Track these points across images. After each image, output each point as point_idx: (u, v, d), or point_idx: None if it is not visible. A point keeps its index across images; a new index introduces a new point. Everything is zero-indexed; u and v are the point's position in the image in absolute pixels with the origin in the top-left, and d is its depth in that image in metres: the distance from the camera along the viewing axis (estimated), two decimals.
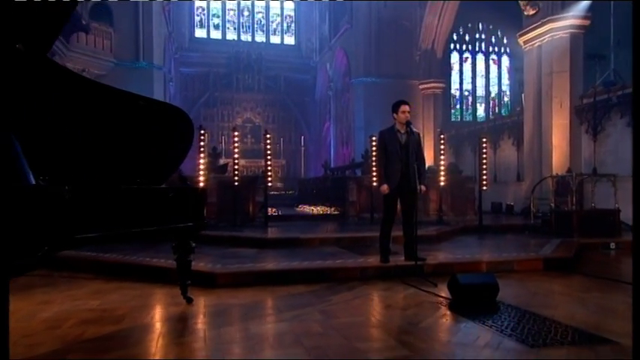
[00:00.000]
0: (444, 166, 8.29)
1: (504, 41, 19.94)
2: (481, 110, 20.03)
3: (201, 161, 7.53)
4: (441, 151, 8.35)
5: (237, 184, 7.93)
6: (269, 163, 8.28)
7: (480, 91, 20.19)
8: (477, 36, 20.04)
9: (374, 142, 7.71)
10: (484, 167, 7.71)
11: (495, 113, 18.94)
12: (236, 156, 7.99)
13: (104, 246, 5.77)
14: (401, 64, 16.86)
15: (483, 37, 20.11)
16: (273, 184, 20.00)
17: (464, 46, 19.89)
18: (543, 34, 10.82)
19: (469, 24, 19.44)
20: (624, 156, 8.73)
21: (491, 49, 20.28)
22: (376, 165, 4.81)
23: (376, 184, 5.19)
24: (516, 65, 18.65)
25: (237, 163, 7.97)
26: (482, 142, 7.72)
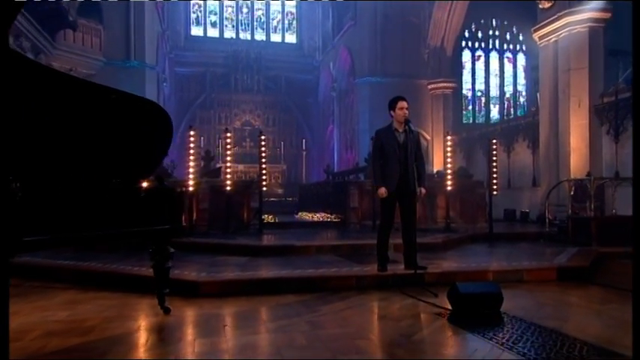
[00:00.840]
0: (451, 170, 8.21)
1: (520, 38, 19.86)
2: (495, 112, 19.90)
3: (191, 164, 7.52)
4: (447, 153, 8.27)
5: (229, 188, 7.89)
6: (264, 167, 8.23)
7: (494, 92, 20.08)
8: (491, 33, 19.94)
9: None
10: (494, 171, 7.63)
11: (510, 115, 18.84)
12: (228, 158, 7.96)
13: (84, 253, 5.83)
14: (408, 62, 16.84)
15: (497, 33, 20.01)
16: (273, 191, 20.05)
17: (476, 44, 19.79)
18: (560, 29, 10.75)
19: (482, 20, 19.38)
20: None
21: (505, 47, 20.18)
22: (372, 167, 4.75)
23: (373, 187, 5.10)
24: (533, 64, 18.55)
25: (229, 167, 7.94)
26: (492, 143, 7.66)
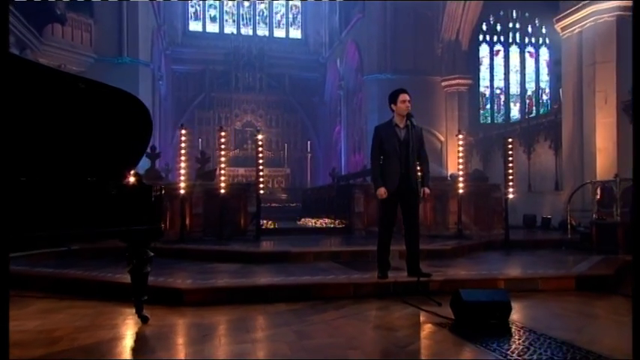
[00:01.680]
0: (463, 171, 8.12)
1: (543, 31, 19.66)
2: (515, 111, 19.72)
3: (182, 165, 7.52)
4: (459, 153, 8.18)
5: (223, 191, 7.87)
6: (261, 168, 8.22)
7: (514, 89, 19.92)
8: (511, 25, 19.82)
9: None
10: (510, 172, 7.53)
11: (532, 114, 18.65)
12: (222, 159, 7.95)
13: (66, 260, 5.85)
14: (420, 58, 16.80)
15: (518, 26, 19.88)
16: (276, 196, 20.05)
17: (495, 38, 19.67)
18: (584, 19, 10.65)
19: (501, 11, 19.28)
20: None
21: (527, 40, 20.04)
22: (371, 166, 4.70)
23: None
24: (556, 58, 18.30)
25: (223, 167, 7.92)
26: (508, 142, 7.57)
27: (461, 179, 8.03)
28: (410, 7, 16.92)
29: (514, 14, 19.71)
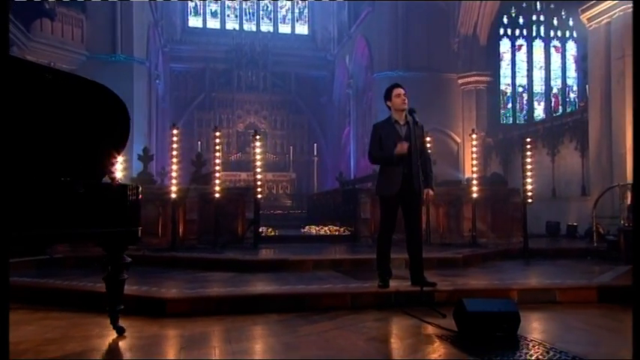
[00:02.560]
0: (477, 173, 8.02)
1: (570, 23, 19.48)
2: (540, 110, 19.54)
3: (174, 167, 7.53)
4: (473, 154, 8.09)
5: (218, 196, 7.86)
6: (259, 171, 8.20)
7: (538, 87, 19.74)
8: (534, 18, 19.69)
9: None
10: (529, 175, 7.43)
11: (556, 112, 18.46)
12: (217, 161, 7.95)
13: (47, 270, 5.86)
14: (434, 54, 16.75)
15: (542, 19, 19.75)
16: (280, 202, 20.07)
17: (517, 31, 19.55)
18: (612, 8, 10.54)
19: (523, 3, 19.17)
20: None
21: (552, 34, 19.87)
22: (373, 156, 4.65)
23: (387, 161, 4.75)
24: (585, 53, 18.18)
25: (218, 171, 7.92)
26: (526, 142, 7.47)
27: (475, 182, 7.93)
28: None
29: (538, 6, 19.57)
